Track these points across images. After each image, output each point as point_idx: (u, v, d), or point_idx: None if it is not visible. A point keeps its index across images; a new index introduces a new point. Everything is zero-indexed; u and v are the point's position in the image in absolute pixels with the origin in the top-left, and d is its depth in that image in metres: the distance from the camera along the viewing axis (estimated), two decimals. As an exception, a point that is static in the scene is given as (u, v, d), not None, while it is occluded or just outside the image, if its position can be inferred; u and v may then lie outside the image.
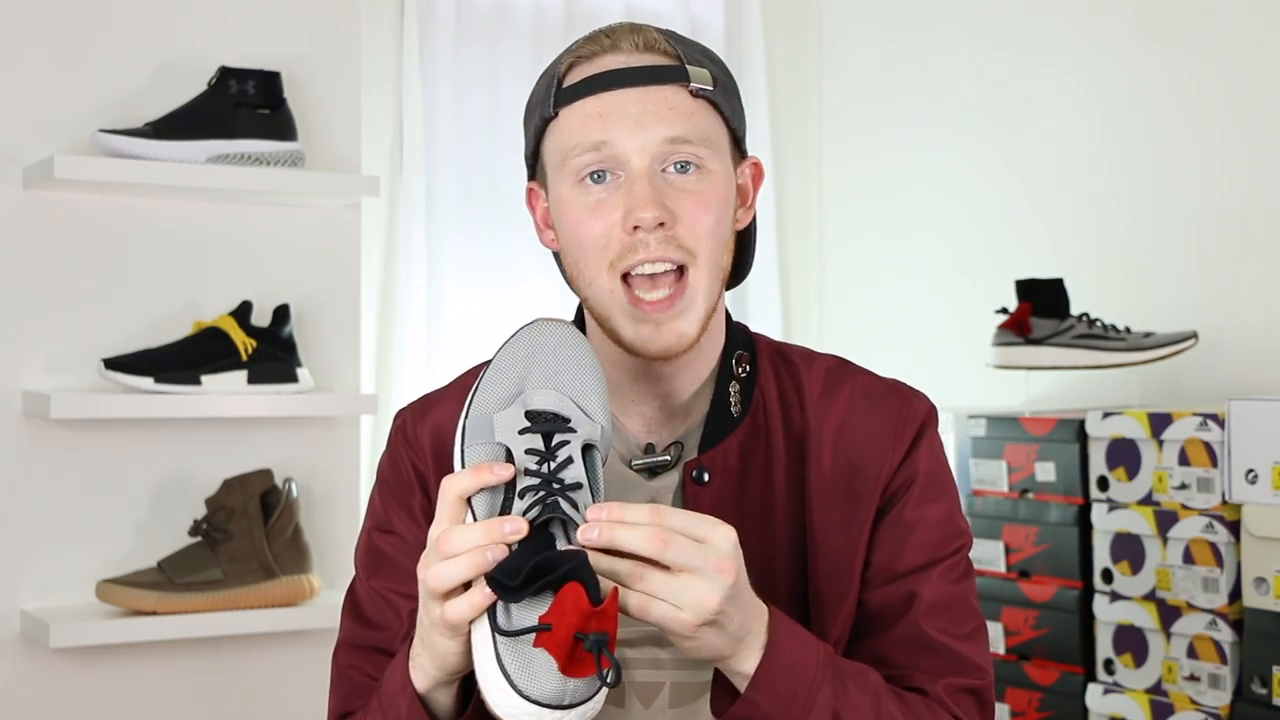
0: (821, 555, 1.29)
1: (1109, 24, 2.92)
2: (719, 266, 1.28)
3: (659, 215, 1.23)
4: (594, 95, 1.26)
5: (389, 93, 2.98)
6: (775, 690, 1.13)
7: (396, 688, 1.18)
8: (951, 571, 1.31)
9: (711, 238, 1.26)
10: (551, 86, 1.29)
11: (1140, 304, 2.77)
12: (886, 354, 3.07)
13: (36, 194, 2.29)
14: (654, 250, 1.24)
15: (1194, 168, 2.75)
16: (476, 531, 1.06)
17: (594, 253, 1.26)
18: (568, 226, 1.28)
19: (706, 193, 1.26)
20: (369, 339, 2.90)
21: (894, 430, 1.32)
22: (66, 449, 2.30)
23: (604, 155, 1.25)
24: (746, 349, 1.36)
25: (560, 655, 1.02)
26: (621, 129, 1.24)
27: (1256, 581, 2.19)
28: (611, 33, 1.29)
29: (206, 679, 2.37)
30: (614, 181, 1.25)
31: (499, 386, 1.17)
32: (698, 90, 1.26)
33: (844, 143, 3.50)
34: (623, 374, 1.32)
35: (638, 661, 1.29)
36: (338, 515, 2.47)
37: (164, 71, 2.37)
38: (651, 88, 1.25)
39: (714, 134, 1.28)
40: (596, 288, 1.27)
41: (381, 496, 1.37)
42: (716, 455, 1.30)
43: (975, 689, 1.29)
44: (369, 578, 1.36)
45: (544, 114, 1.29)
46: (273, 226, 2.45)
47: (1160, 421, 2.32)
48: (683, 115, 1.25)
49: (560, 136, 1.28)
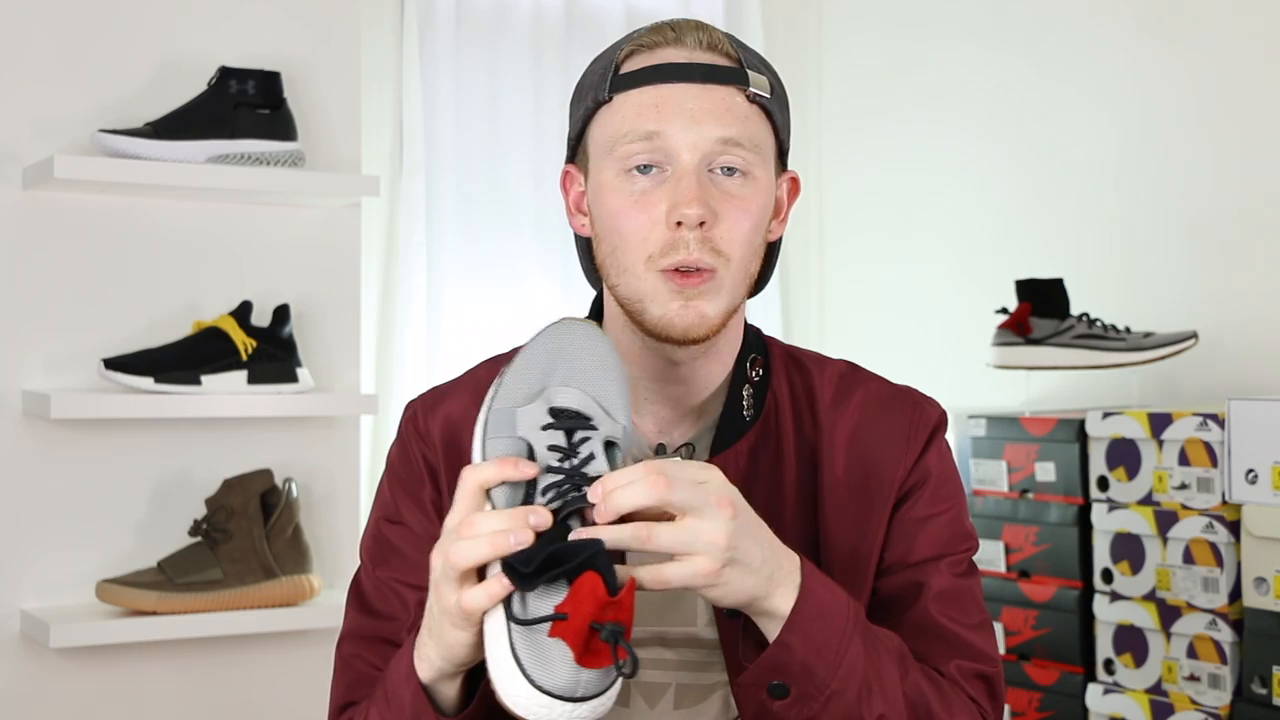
0: (837, 559, 1.30)
1: (1110, 23, 2.92)
2: (747, 272, 1.29)
3: (702, 213, 1.23)
4: (652, 85, 1.26)
5: (389, 93, 2.98)
6: (810, 633, 1.13)
7: (401, 677, 1.17)
8: (958, 566, 1.33)
9: (746, 243, 1.27)
10: (609, 71, 1.28)
11: (1140, 304, 2.77)
12: (887, 354, 3.07)
13: (36, 194, 2.29)
14: (694, 250, 1.24)
15: (1194, 167, 2.75)
16: (501, 516, 1.07)
17: (633, 244, 1.26)
18: (607, 215, 1.28)
19: (749, 198, 1.27)
20: (369, 339, 2.90)
21: (907, 435, 1.34)
22: (66, 449, 2.30)
23: (655, 146, 1.25)
24: (760, 353, 1.37)
25: (576, 645, 1.02)
26: (676, 123, 1.24)
27: (1256, 581, 2.19)
28: (676, 26, 1.29)
29: (206, 679, 2.37)
30: (659, 175, 1.25)
31: (522, 382, 1.17)
32: (754, 95, 1.27)
33: (844, 142, 3.50)
34: (639, 371, 1.32)
35: (643, 662, 1.29)
36: (338, 515, 2.47)
37: (164, 71, 2.37)
38: (710, 86, 1.26)
39: (763, 141, 1.28)
40: (630, 274, 1.27)
41: (391, 487, 1.37)
42: (728, 457, 1.30)
43: (986, 675, 1.29)
44: (375, 568, 1.35)
45: (598, 97, 1.29)
46: (273, 226, 2.45)
47: (1160, 421, 2.32)
48: (738, 118, 1.26)
49: (611, 122, 1.27)
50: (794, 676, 1.13)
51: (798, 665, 1.13)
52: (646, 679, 1.30)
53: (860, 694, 1.15)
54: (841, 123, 3.51)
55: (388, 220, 2.98)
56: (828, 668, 1.13)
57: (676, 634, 1.29)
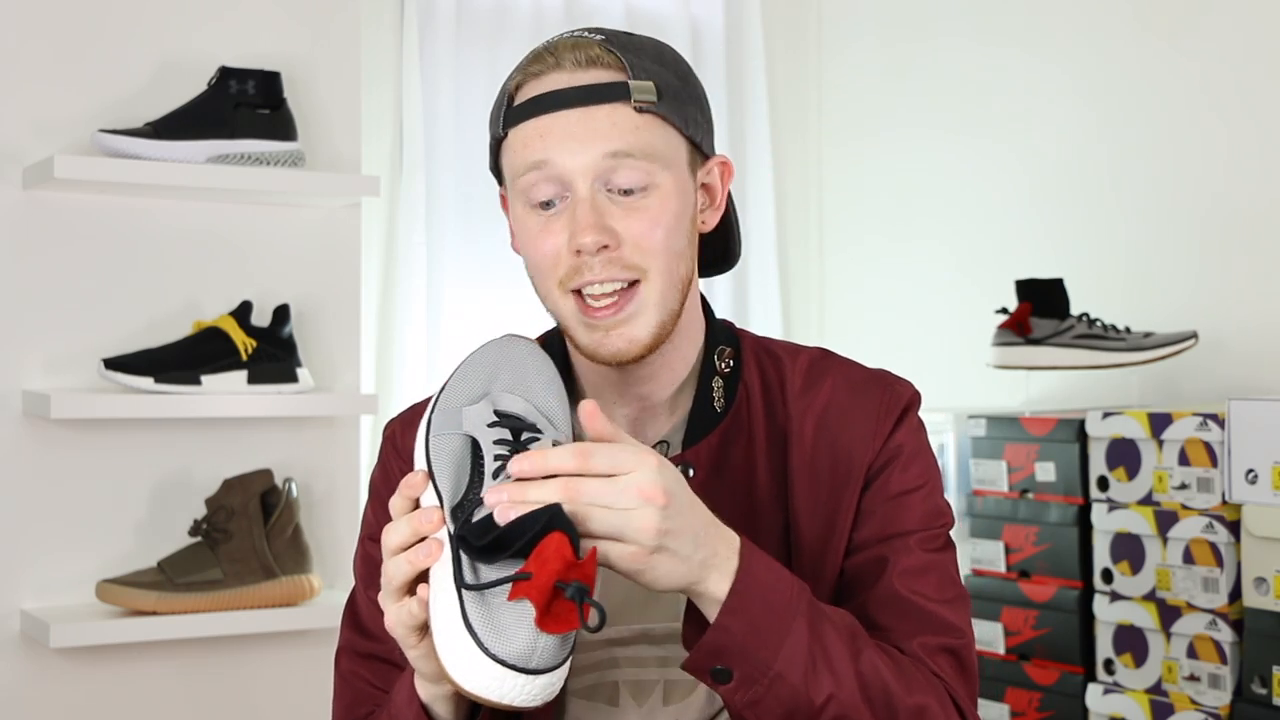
0: (805, 540, 1.29)
1: (1109, 23, 2.92)
2: (675, 276, 1.27)
3: (600, 239, 1.23)
4: (536, 117, 1.25)
5: (389, 93, 2.98)
6: (748, 615, 1.11)
7: (404, 701, 1.18)
8: (930, 542, 1.30)
9: (664, 252, 1.25)
10: (502, 106, 1.28)
11: (1140, 304, 2.77)
12: (887, 354, 3.07)
13: (36, 194, 2.29)
14: (599, 272, 1.24)
15: (1194, 167, 2.75)
16: (400, 525, 1.10)
17: (546, 271, 1.27)
18: (523, 245, 1.31)
19: (654, 208, 1.25)
20: (369, 339, 2.90)
21: (878, 415, 1.32)
22: (66, 449, 2.30)
23: (546, 174, 1.24)
24: (731, 344, 1.36)
25: (539, 604, 0.99)
26: (562, 149, 1.23)
27: (1256, 581, 2.19)
28: (554, 50, 1.26)
29: (206, 679, 2.37)
30: (562, 204, 1.25)
31: (467, 385, 1.17)
32: (641, 105, 1.24)
33: (844, 143, 3.50)
34: (600, 378, 1.33)
35: (630, 659, 1.30)
36: (338, 515, 2.47)
37: (164, 71, 2.37)
38: (591, 107, 1.23)
39: (662, 146, 1.25)
40: (551, 301, 1.29)
41: (373, 507, 1.37)
42: (701, 450, 1.30)
43: (953, 648, 1.26)
44: (366, 588, 1.36)
45: (494, 133, 1.30)
46: (273, 226, 2.45)
47: (1160, 421, 2.32)
48: (625, 131, 1.23)
49: (509, 157, 1.28)
50: (734, 659, 1.12)
51: (736, 647, 1.12)
52: (635, 676, 1.30)
53: (806, 675, 1.13)
54: (841, 123, 3.51)
55: (388, 220, 2.98)
56: (769, 649, 1.12)
57: (661, 630, 1.29)
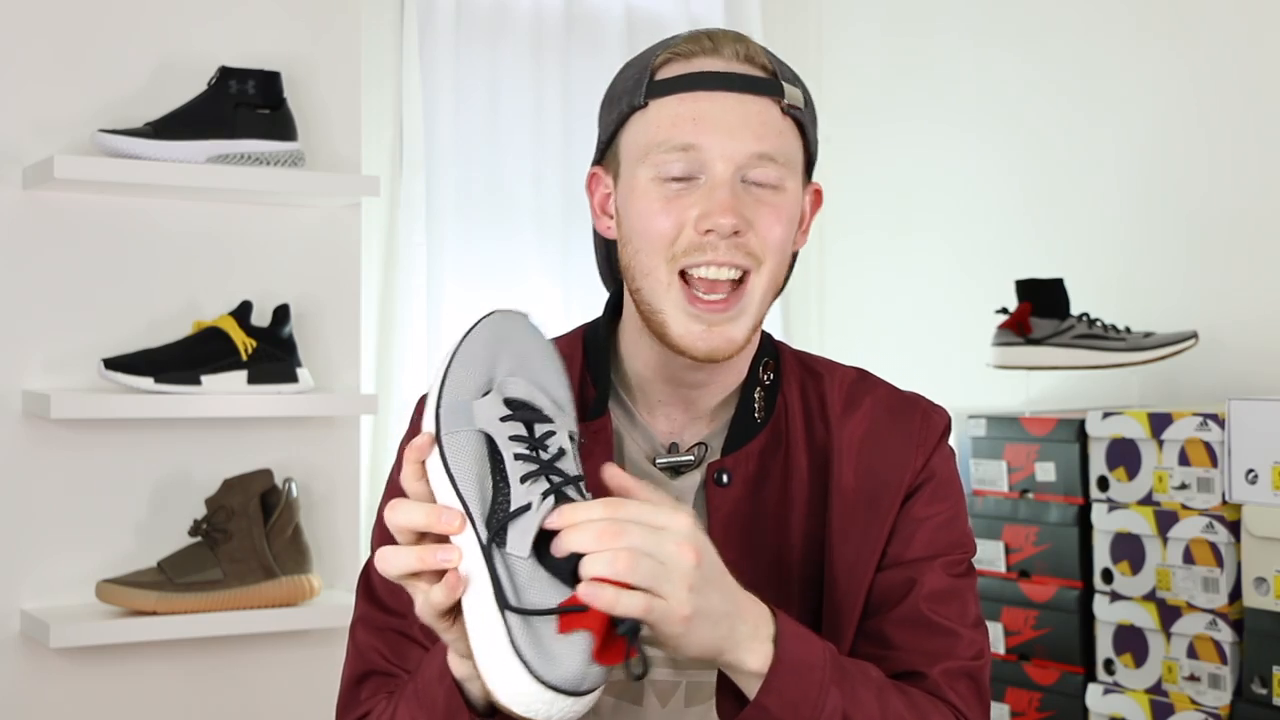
0: (841, 566, 1.31)
1: (1109, 23, 2.92)
2: (776, 280, 1.30)
3: (736, 223, 1.24)
4: (689, 93, 1.26)
5: (389, 93, 2.98)
6: (784, 694, 1.13)
7: (434, 676, 1.17)
8: (955, 567, 1.33)
9: (778, 250, 1.28)
10: (644, 77, 1.29)
11: (1140, 304, 2.77)
12: (886, 353, 3.08)
13: (36, 194, 2.29)
14: (722, 254, 1.25)
15: (1194, 167, 2.75)
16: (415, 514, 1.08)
17: (659, 245, 1.26)
18: (635, 216, 1.28)
19: (781, 206, 1.28)
20: (369, 339, 2.90)
21: (916, 442, 1.35)
22: (66, 449, 2.30)
23: (690, 158, 1.25)
24: (771, 356, 1.38)
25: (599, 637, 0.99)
26: (713, 136, 1.25)
27: (1256, 581, 2.19)
28: (714, 36, 1.29)
29: (206, 679, 2.37)
30: (692, 183, 1.26)
31: (469, 374, 1.16)
32: (789, 108, 1.28)
33: (844, 142, 3.49)
34: (654, 374, 1.33)
35: (656, 661, 1.30)
36: (338, 515, 2.47)
37: (164, 71, 2.37)
38: (746, 96, 1.26)
39: (795, 154, 1.30)
40: (653, 279, 1.27)
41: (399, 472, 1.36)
42: (740, 458, 1.32)
43: (973, 673, 1.29)
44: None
45: (632, 102, 1.29)
46: (273, 226, 2.45)
47: (1160, 421, 2.32)
48: (772, 131, 1.27)
49: (646, 129, 1.28)
50: None
51: None
52: (659, 678, 1.31)
53: None
54: (841, 122, 3.50)
55: (387, 220, 2.98)
56: None
57: None
